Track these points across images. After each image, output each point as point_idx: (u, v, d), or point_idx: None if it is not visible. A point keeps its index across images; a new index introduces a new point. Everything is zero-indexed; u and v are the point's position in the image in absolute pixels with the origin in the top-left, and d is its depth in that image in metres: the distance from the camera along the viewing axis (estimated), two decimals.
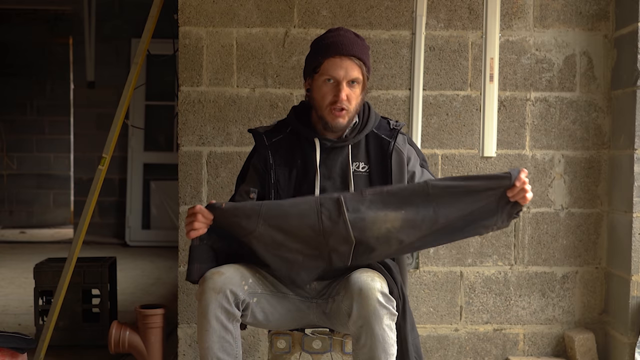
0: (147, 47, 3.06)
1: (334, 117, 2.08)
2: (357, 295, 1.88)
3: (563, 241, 3.09)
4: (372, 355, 1.89)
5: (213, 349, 1.93)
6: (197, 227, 1.95)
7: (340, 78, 2.05)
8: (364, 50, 2.09)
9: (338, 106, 2.06)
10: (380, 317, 1.87)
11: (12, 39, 8.64)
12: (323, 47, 2.09)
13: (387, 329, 1.89)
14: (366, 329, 1.88)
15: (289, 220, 1.95)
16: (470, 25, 3.03)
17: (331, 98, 2.06)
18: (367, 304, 1.87)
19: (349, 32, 2.11)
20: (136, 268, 5.78)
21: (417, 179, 2.16)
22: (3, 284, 5.16)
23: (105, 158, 3.03)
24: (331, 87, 2.07)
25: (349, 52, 2.05)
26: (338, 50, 2.05)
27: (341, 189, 2.14)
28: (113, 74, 7.03)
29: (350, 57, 2.05)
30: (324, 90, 2.08)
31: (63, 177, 8.94)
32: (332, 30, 2.14)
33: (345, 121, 2.09)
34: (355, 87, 2.08)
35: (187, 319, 3.02)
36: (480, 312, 3.09)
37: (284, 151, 2.16)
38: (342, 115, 2.08)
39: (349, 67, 2.05)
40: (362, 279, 1.91)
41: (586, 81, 3.07)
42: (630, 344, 2.91)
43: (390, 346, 1.90)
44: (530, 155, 3.07)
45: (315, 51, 2.11)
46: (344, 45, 2.06)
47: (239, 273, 1.99)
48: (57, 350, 3.33)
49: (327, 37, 2.11)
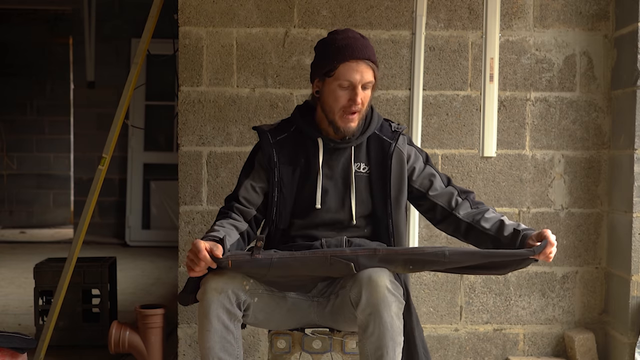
0: (147, 47, 3.06)
1: (346, 121, 2.07)
2: (367, 283, 1.88)
3: (563, 241, 3.09)
4: (380, 343, 1.88)
5: (214, 349, 1.93)
6: (198, 271, 1.90)
7: (357, 82, 2.04)
8: (373, 51, 2.09)
9: (353, 110, 2.05)
10: (389, 304, 1.87)
11: (12, 39, 8.64)
12: (336, 51, 2.06)
13: (395, 317, 1.88)
14: (375, 317, 1.87)
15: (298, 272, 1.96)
16: (470, 25, 3.03)
17: (345, 102, 2.05)
18: (377, 290, 1.86)
19: (357, 34, 2.11)
20: (136, 268, 5.78)
21: (416, 174, 2.17)
22: (3, 284, 5.16)
23: (105, 158, 3.03)
24: (347, 91, 2.06)
25: (363, 55, 2.04)
26: (353, 54, 2.04)
27: (342, 189, 2.14)
28: (113, 74, 7.03)
29: (364, 61, 2.05)
30: (337, 94, 2.06)
31: (63, 177, 8.94)
32: (341, 33, 2.11)
33: (356, 125, 2.09)
34: (368, 90, 2.08)
35: (187, 319, 3.02)
36: (480, 312, 3.09)
37: (288, 150, 2.16)
38: (354, 119, 2.08)
39: (364, 70, 2.04)
40: (370, 269, 1.92)
41: (586, 81, 3.07)
42: (630, 344, 2.91)
43: (397, 334, 1.89)
44: (530, 155, 3.07)
45: (328, 54, 2.08)
46: (358, 48, 2.05)
47: (241, 273, 1.99)
48: (57, 350, 3.34)
49: (338, 39, 2.08)
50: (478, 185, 3.05)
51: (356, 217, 2.14)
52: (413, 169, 2.18)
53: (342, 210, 2.15)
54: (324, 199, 2.13)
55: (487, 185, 3.06)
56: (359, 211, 2.15)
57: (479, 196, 3.04)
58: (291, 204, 2.15)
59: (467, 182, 3.05)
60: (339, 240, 2.10)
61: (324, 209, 2.14)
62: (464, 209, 2.16)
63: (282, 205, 2.15)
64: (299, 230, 2.15)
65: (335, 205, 2.14)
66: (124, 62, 7.09)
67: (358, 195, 2.14)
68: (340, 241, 2.10)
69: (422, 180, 2.19)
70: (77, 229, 3.04)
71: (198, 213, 3.00)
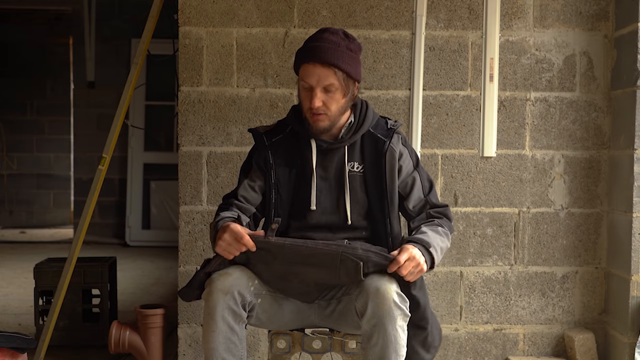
0: (147, 47, 3.05)
1: (314, 121, 2.08)
2: (374, 294, 1.88)
3: (563, 241, 3.09)
4: (382, 354, 1.89)
5: (219, 349, 1.93)
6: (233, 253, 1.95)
7: (313, 84, 2.04)
8: (342, 55, 2.04)
9: (314, 111, 2.06)
10: (394, 317, 1.88)
11: (12, 39, 8.64)
12: (300, 52, 2.09)
13: (399, 329, 1.90)
14: (379, 328, 1.88)
15: (303, 265, 1.97)
16: (470, 25, 3.03)
17: (308, 104, 2.07)
18: (383, 303, 1.87)
19: (333, 35, 2.07)
20: (136, 268, 5.78)
21: (402, 176, 2.16)
22: (3, 284, 5.16)
23: (105, 158, 3.03)
24: (307, 92, 2.07)
25: (322, 59, 2.02)
26: (312, 57, 2.03)
27: (336, 190, 2.14)
28: (113, 74, 7.03)
29: (323, 64, 2.02)
30: (302, 95, 2.09)
31: (63, 177, 8.94)
32: (317, 33, 2.11)
33: (325, 124, 2.08)
34: (332, 93, 2.05)
35: (187, 319, 3.02)
36: (480, 312, 3.09)
37: (284, 151, 2.16)
38: (322, 119, 2.07)
39: (321, 74, 2.03)
40: (378, 279, 1.92)
41: (586, 81, 3.07)
42: (630, 344, 2.91)
43: (401, 347, 1.91)
44: (530, 155, 3.07)
45: (297, 55, 2.11)
46: (320, 51, 2.03)
47: (246, 274, 1.99)
48: (57, 350, 3.33)
49: (309, 40, 2.09)
50: (478, 185, 3.06)
51: (351, 217, 2.13)
52: (400, 168, 2.16)
53: (337, 211, 2.14)
54: (319, 200, 2.13)
55: (487, 185, 3.06)
56: (354, 211, 2.14)
57: (479, 196, 3.05)
58: (288, 205, 2.15)
59: (467, 182, 3.05)
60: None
61: (319, 211, 2.13)
62: (418, 221, 2.17)
63: (280, 206, 2.14)
64: (296, 232, 2.14)
65: (330, 207, 2.14)
66: (124, 62, 7.09)
67: (353, 196, 2.14)
68: None
69: (404, 185, 2.17)
70: (77, 229, 3.04)
71: (198, 213, 3.00)
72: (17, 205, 8.89)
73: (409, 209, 2.17)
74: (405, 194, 2.17)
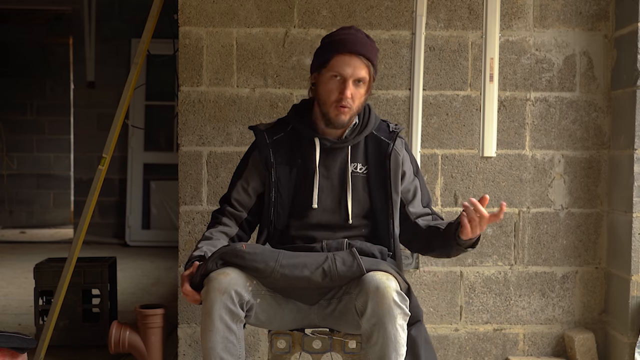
0: (147, 47, 3.05)
1: (338, 113, 2.07)
2: (374, 293, 1.88)
3: (563, 241, 3.09)
4: (382, 354, 1.89)
5: (216, 349, 1.92)
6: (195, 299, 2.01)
7: (347, 76, 2.05)
8: (373, 51, 2.09)
9: (343, 104, 2.06)
10: (394, 316, 1.88)
11: (12, 39, 8.64)
12: (333, 43, 2.08)
13: (399, 328, 1.89)
14: (379, 327, 1.88)
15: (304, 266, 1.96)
16: (470, 25, 3.03)
17: (337, 95, 2.06)
18: (383, 302, 1.87)
19: (360, 32, 2.12)
20: (136, 268, 5.78)
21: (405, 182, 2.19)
22: (3, 284, 5.16)
23: (105, 158, 3.03)
24: (337, 83, 2.07)
25: (358, 50, 2.05)
26: (348, 48, 2.05)
27: (339, 189, 2.14)
28: (113, 74, 7.03)
29: (359, 56, 2.05)
30: (330, 86, 2.08)
31: (63, 177, 8.94)
32: (345, 28, 2.14)
33: (347, 118, 2.09)
34: (360, 87, 2.08)
35: (187, 319, 3.02)
36: (480, 312, 3.09)
37: (285, 150, 2.16)
38: (345, 112, 2.08)
39: (356, 65, 2.05)
40: (378, 277, 1.91)
41: (586, 81, 3.07)
42: (630, 344, 2.91)
43: (401, 346, 1.90)
44: (530, 155, 3.07)
45: (325, 46, 2.11)
46: (355, 43, 2.06)
47: (244, 274, 1.99)
48: (57, 350, 3.33)
49: (338, 33, 2.11)
50: (478, 185, 3.06)
51: (352, 217, 2.14)
52: (404, 174, 2.19)
53: (338, 211, 2.14)
54: (320, 199, 2.13)
55: (487, 186, 3.06)
56: (355, 211, 2.14)
57: (479, 196, 3.03)
58: (289, 204, 2.15)
59: (467, 182, 3.05)
60: (340, 243, 2.10)
61: (320, 209, 2.13)
62: (424, 221, 2.20)
63: (280, 205, 2.15)
64: (297, 230, 2.14)
65: (332, 206, 2.14)
66: (124, 62, 7.08)
67: (355, 196, 2.14)
68: (341, 244, 2.10)
69: (406, 191, 2.21)
70: (77, 229, 3.04)
71: (198, 213, 3.00)
72: (17, 205, 8.89)
73: (410, 212, 2.21)
74: (407, 201, 2.21)
